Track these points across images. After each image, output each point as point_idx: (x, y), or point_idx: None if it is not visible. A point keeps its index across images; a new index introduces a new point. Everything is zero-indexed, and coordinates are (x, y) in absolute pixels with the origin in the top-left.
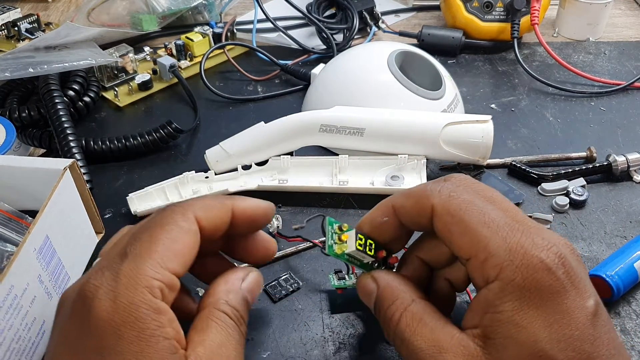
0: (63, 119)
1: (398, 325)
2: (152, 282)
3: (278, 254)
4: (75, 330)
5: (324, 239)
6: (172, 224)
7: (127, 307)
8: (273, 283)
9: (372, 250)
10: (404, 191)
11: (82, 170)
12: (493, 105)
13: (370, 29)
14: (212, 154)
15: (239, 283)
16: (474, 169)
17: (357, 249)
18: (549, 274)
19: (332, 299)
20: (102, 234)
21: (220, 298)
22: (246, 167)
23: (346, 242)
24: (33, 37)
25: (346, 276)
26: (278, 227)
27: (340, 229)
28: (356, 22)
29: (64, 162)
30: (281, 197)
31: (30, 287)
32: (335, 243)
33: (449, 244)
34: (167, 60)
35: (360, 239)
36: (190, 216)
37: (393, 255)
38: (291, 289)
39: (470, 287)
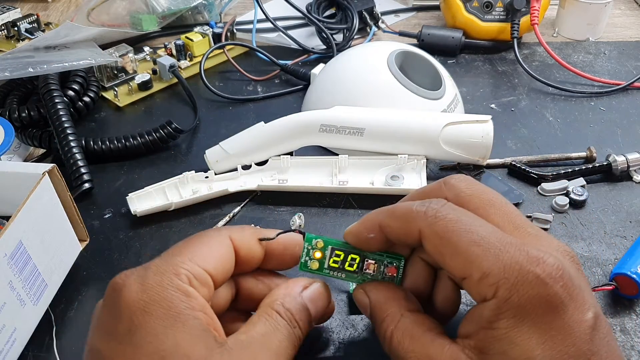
0: (63, 119)
1: (391, 342)
2: (179, 270)
3: None
4: (107, 315)
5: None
6: (205, 236)
7: (155, 287)
8: None
9: (354, 266)
10: (389, 208)
11: (83, 170)
12: (493, 105)
13: (370, 29)
14: (212, 154)
15: (298, 290)
16: (474, 169)
17: (330, 266)
18: (545, 289)
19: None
20: (86, 242)
21: (276, 299)
22: (246, 167)
23: (320, 259)
24: (33, 37)
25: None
26: (300, 225)
27: (316, 245)
28: (356, 22)
29: (43, 167)
30: (281, 197)
31: (0, 293)
32: (311, 259)
33: (442, 265)
34: (167, 60)
35: (338, 256)
36: (224, 233)
37: (391, 267)
38: None
39: None
